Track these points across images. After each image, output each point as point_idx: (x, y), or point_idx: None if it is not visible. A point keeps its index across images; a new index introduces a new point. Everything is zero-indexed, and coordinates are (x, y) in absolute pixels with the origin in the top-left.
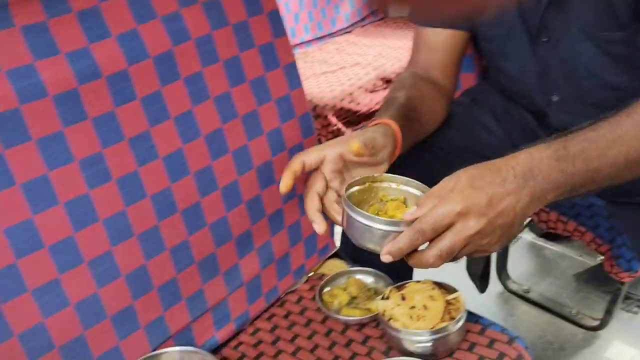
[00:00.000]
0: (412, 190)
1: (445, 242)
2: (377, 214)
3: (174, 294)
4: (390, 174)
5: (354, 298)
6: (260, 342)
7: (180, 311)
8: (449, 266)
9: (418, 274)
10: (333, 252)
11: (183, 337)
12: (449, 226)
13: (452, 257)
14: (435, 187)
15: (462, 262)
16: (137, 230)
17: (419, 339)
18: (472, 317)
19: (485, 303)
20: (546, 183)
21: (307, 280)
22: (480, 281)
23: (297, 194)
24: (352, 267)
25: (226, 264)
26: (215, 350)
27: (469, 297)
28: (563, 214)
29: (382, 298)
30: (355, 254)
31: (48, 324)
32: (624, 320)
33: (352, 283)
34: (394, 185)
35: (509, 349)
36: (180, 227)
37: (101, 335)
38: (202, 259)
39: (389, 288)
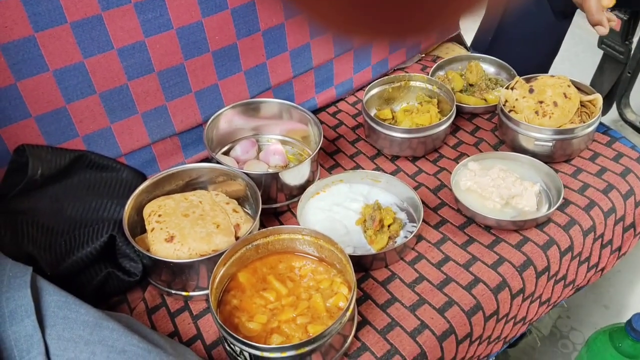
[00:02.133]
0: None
1: None
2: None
3: (278, 42)
4: (426, 76)
5: (470, 85)
6: (359, 112)
7: (283, 63)
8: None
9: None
10: (455, 34)
11: (283, 91)
12: None
13: None
14: None
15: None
16: None
17: (539, 136)
18: (600, 127)
19: None
20: None
21: (419, 60)
22: (604, 101)
23: None
24: (471, 53)
25: None
26: (313, 112)
27: None
28: None
29: (507, 88)
30: (487, 44)
31: (149, 42)
32: None
33: (472, 69)
34: (429, 86)
35: (637, 166)
36: None
37: (202, 69)
38: None
39: (517, 78)
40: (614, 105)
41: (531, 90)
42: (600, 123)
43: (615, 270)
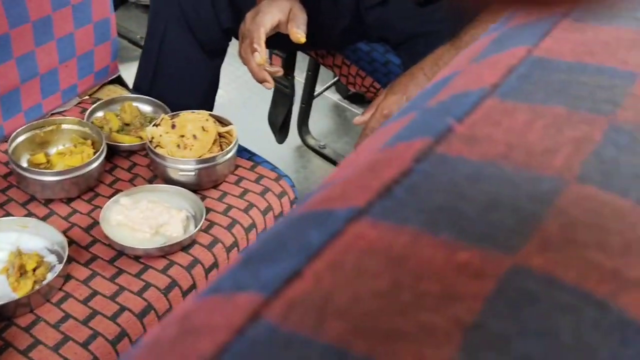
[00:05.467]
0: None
1: None
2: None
3: None
4: (77, 118)
5: (126, 125)
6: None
7: None
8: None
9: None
10: (114, 76)
11: None
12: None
13: None
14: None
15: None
16: None
17: (182, 167)
18: (245, 153)
19: (282, 154)
20: None
21: (79, 103)
22: (280, 131)
23: (73, 3)
24: (132, 94)
25: None
26: None
27: (268, 147)
28: (362, 68)
29: (154, 125)
30: (149, 84)
31: None
32: None
33: (125, 109)
34: (82, 128)
35: (275, 185)
36: None
37: None
38: None
39: (163, 116)
40: (297, 134)
41: (173, 126)
42: (245, 150)
43: None
